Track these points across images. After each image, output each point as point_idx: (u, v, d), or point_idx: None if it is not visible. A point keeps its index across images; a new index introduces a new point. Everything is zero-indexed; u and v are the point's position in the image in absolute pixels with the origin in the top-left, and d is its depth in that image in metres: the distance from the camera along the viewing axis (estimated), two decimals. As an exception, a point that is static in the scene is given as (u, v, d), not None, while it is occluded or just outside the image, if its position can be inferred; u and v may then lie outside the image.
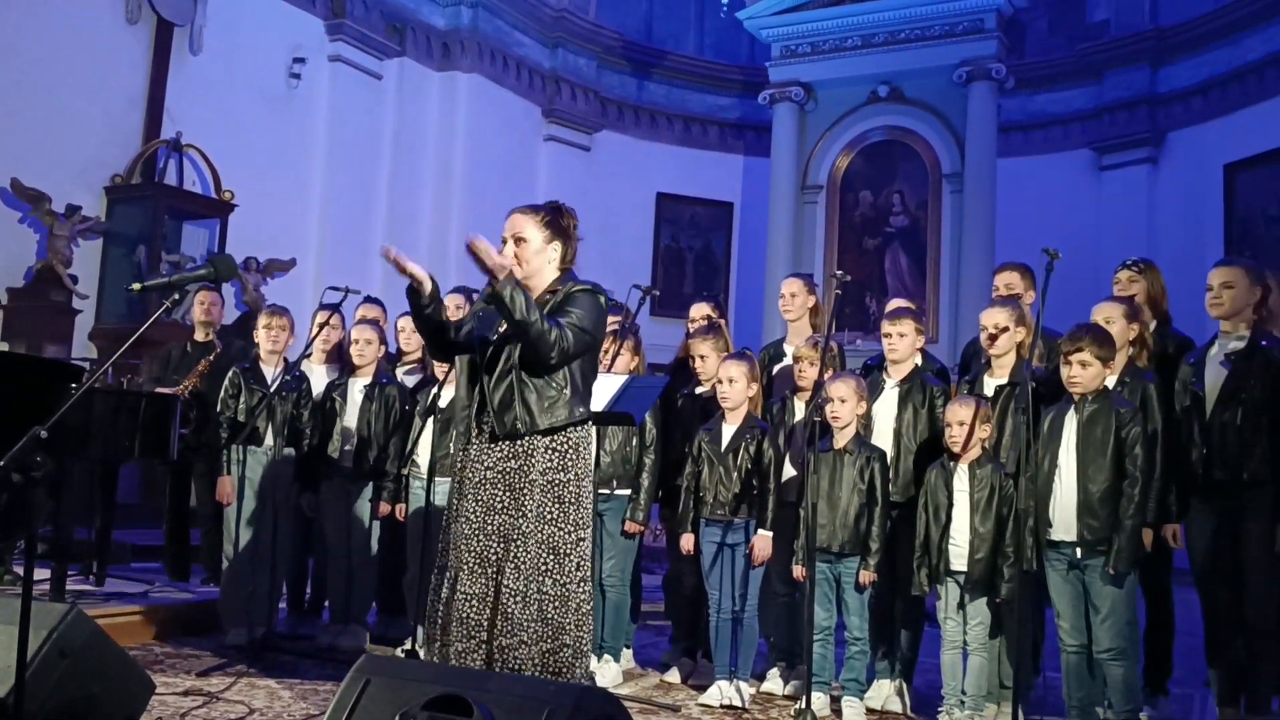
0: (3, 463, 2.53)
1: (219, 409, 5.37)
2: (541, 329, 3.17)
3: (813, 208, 13.54)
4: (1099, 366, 3.93)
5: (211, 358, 6.15)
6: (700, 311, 5.44)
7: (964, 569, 4.14)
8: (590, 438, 3.46)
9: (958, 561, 4.16)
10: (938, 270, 12.89)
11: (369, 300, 5.86)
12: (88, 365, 7.59)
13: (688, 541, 4.64)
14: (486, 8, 13.02)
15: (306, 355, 5.53)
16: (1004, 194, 12.77)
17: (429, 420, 4.94)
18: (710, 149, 15.26)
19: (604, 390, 4.16)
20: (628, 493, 4.87)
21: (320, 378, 5.54)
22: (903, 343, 4.65)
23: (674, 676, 4.90)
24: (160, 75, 9.95)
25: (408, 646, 4.82)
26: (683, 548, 4.67)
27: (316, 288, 9.59)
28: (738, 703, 4.38)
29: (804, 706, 4.00)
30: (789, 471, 4.66)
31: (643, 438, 4.88)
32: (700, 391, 5.02)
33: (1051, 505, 3.94)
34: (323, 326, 5.54)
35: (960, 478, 4.19)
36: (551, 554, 3.27)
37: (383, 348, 5.49)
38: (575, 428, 3.35)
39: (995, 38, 12.80)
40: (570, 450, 3.33)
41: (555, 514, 3.28)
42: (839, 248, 13.38)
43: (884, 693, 4.54)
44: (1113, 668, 3.85)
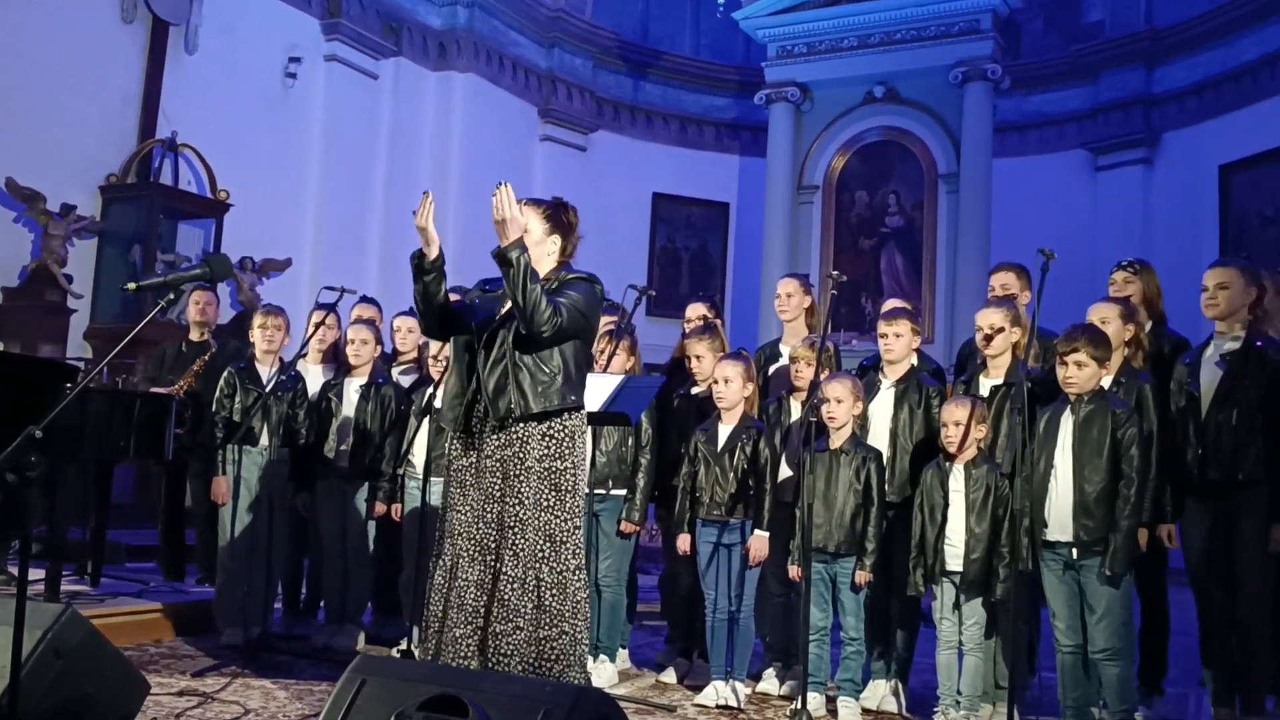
0: (-3, 463, 2.52)
1: (214, 409, 5.36)
2: (538, 298, 3.23)
3: (808, 208, 13.56)
4: (1095, 367, 3.94)
5: (207, 357, 6.14)
6: (696, 311, 5.44)
7: (959, 569, 4.14)
8: (585, 427, 3.50)
9: (953, 562, 4.16)
10: (933, 270, 12.91)
11: (365, 300, 5.86)
12: (82, 365, 7.57)
13: (684, 542, 4.64)
14: (482, 8, 13.02)
15: (302, 355, 5.53)
16: (1000, 194, 12.80)
17: (425, 420, 4.93)
18: (706, 149, 15.27)
19: (600, 390, 4.16)
20: (624, 493, 4.87)
21: (316, 377, 5.53)
22: (899, 343, 4.65)
23: (670, 677, 4.90)
24: (155, 74, 9.94)
25: (403, 647, 4.81)
26: (679, 548, 4.67)
27: (312, 287, 9.60)
28: (733, 703, 4.38)
29: (799, 707, 4.01)
30: (785, 472, 4.65)
31: (638, 438, 4.88)
32: (696, 392, 5.02)
33: (1047, 506, 3.94)
34: (318, 326, 5.53)
35: (956, 478, 4.20)
36: (548, 542, 3.29)
37: (379, 348, 5.49)
38: (570, 415, 3.38)
39: (991, 38, 12.83)
40: (566, 438, 3.36)
41: (551, 501, 3.31)
42: (835, 248, 13.40)
43: (879, 693, 4.54)
44: (1108, 668, 3.86)
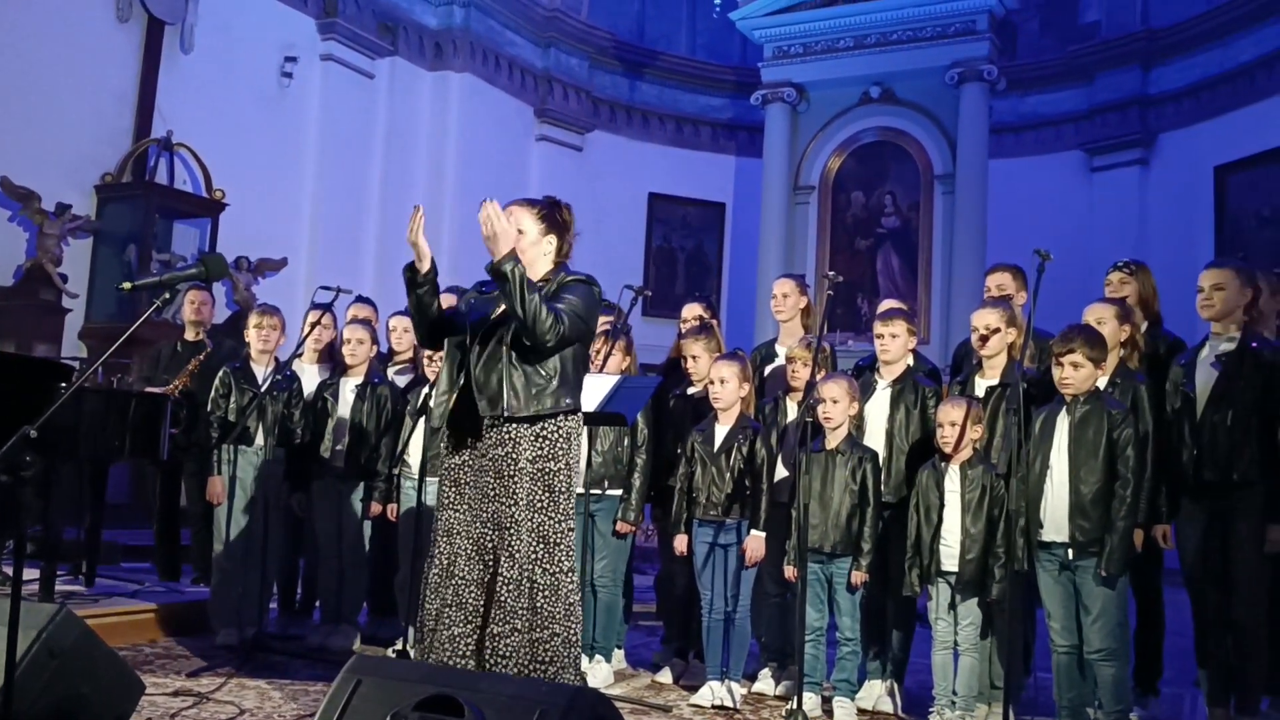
0: (-8, 462, 2.51)
1: (209, 408, 5.35)
2: (538, 308, 3.20)
3: (805, 208, 13.56)
4: (1091, 368, 3.94)
5: (202, 357, 6.13)
6: (692, 312, 5.44)
7: (955, 569, 4.14)
8: (580, 429, 3.48)
9: (949, 562, 4.16)
10: (929, 271, 12.92)
11: (360, 300, 5.86)
12: (77, 364, 7.54)
13: (681, 542, 4.64)
14: (479, 7, 13.01)
15: (298, 355, 5.52)
16: (995, 195, 12.80)
17: (420, 420, 4.93)
18: (702, 149, 15.26)
19: (596, 390, 4.16)
20: (619, 493, 4.87)
21: (312, 377, 5.53)
22: (895, 343, 4.66)
23: (665, 677, 4.90)
24: (151, 74, 9.91)
25: (399, 647, 4.80)
26: (676, 549, 4.67)
27: (308, 287, 9.58)
28: (729, 703, 4.38)
29: (795, 707, 4.00)
30: (781, 472, 4.66)
31: (634, 438, 4.88)
32: (692, 392, 5.02)
33: (1043, 506, 3.95)
34: (314, 326, 5.53)
35: (952, 478, 4.20)
36: (542, 543, 3.28)
37: (375, 347, 5.48)
38: (565, 417, 3.36)
39: (987, 39, 12.83)
40: (560, 440, 3.34)
41: (545, 502, 3.30)
42: (831, 248, 13.40)
43: (875, 693, 4.54)
44: (1103, 668, 3.86)
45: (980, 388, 4.49)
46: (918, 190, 13.16)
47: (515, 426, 3.30)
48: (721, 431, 4.56)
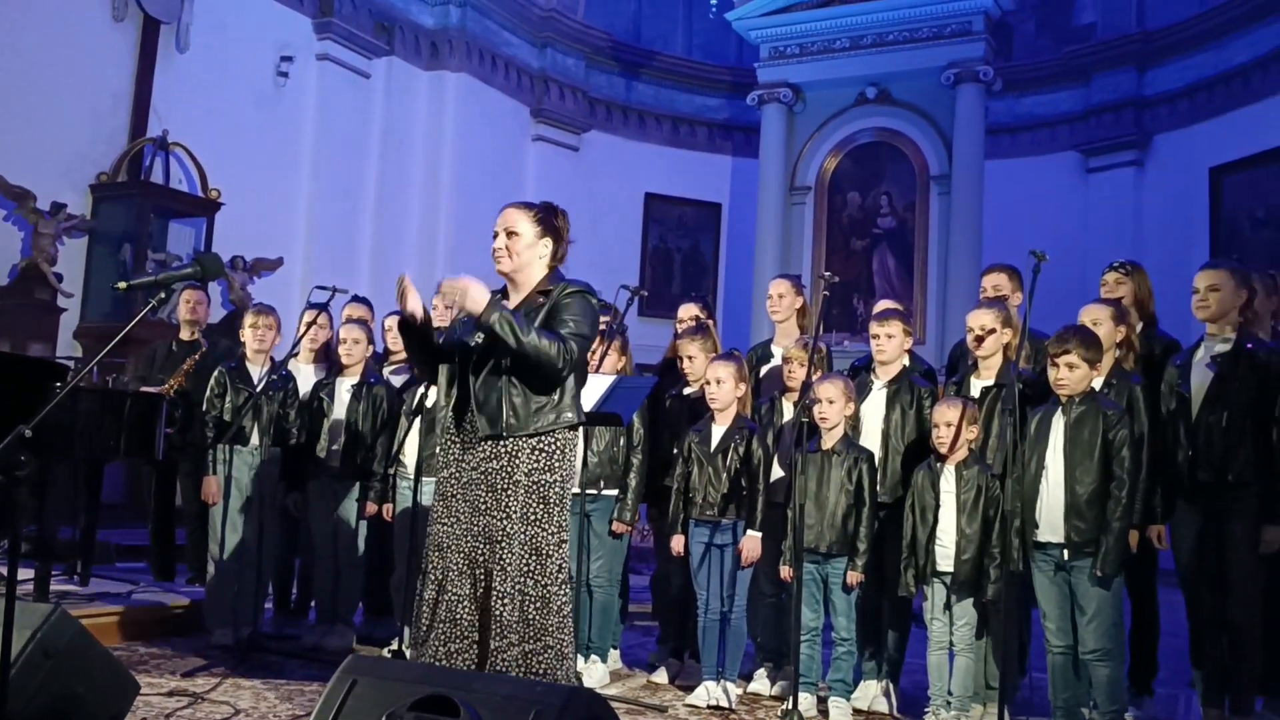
0: (-14, 462, 2.51)
1: (205, 408, 5.35)
2: (542, 346, 3.19)
3: (801, 209, 13.56)
4: (1086, 368, 3.94)
5: (197, 357, 6.12)
6: (688, 312, 5.44)
7: (950, 570, 4.15)
8: (577, 441, 3.47)
9: (944, 562, 4.16)
10: (925, 272, 12.93)
11: (356, 299, 5.85)
12: (72, 364, 7.55)
13: (678, 543, 4.63)
14: (475, 7, 13.00)
15: (294, 354, 5.52)
16: (991, 196, 12.81)
17: (416, 420, 4.93)
18: (698, 149, 15.26)
19: (592, 391, 4.16)
20: (615, 493, 4.87)
21: (307, 377, 5.53)
22: (890, 344, 4.66)
23: (661, 677, 4.90)
24: (146, 73, 9.90)
25: (394, 647, 4.80)
26: (673, 549, 4.66)
27: (304, 287, 9.58)
28: (724, 703, 4.38)
29: (790, 707, 4.00)
30: (777, 472, 4.66)
31: (630, 438, 4.88)
32: (688, 392, 5.02)
33: (1038, 507, 3.95)
34: (310, 326, 5.52)
35: (947, 479, 4.20)
36: (534, 555, 3.27)
37: (370, 347, 5.48)
38: (564, 431, 3.34)
39: (983, 40, 12.84)
40: (557, 452, 3.33)
41: (539, 515, 3.28)
42: (827, 249, 13.41)
43: (870, 693, 4.54)
44: (1098, 668, 3.87)
45: (976, 388, 4.49)
46: (914, 191, 13.17)
47: (514, 440, 3.29)
48: (718, 432, 4.56)
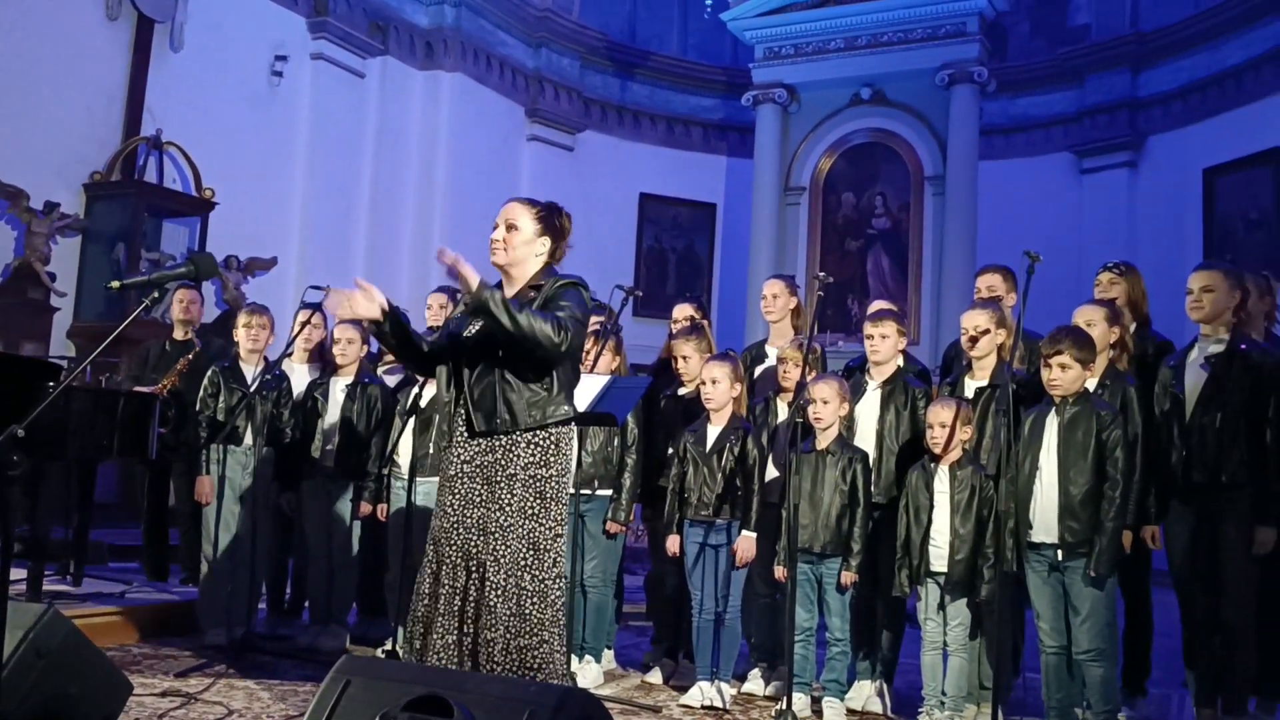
0: (-21, 461, 2.50)
1: (198, 408, 5.33)
2: (536, 325, 3.15)
3: (795, 209, 13.57)
4: (1079, 369, 3.95)
5: (191, 356, 6.11)
6: (683, 312, 5.44)
7: (944, 570, 4.15)
8: (572, 435, 3.47)
9: (938, 563, 4.17)
10: (919, 272, 12.93)
11: (351, 299, 5.83)
12: (66, 363, 7.52)
13: (673, 543, 4.63)
14: (470, 7, 12.99)
15: (288, 354, 5.51)
16: (985, 196, 12.82)
17: (410, 420, 4.92)
18: (693, 150, 15.26)
19: (586, 391, 4.16)
20: (609, 493, 4.87)
21: (301, 377, 5.52)
22: (884, 344, 4.66)
23: (655, 677, 4.90)
24: (140, 72, 9.87)
25: (388, 647, 4.79)
26: (668, 549, 4.66)
27: (298, 286, 9.53)
28: (719, 704, 4.38)
29: (785, 707, 4.01)
30: (771, 472, 4.66)
31: (624, 438, 4.88)
32: (683, 392, 5.02)
33: (1032, 507, 3.96)
34: (304, 325, 5.51)
35: (941, 479, 4.21)
36: (531, 549, 3.27)
37: (365, 347, 5.47)
38: (559, 425, 3.34)
39: (977, 41, 12.85)
40: (552, 446, 3.33)
41: (536, 509, 3.29)
42: (821, 249, 13.41)
43: (865, 693, 4.55)
44: (1092, 669, 3.87)
45: (970, 389, 4.50)
46: (908, 191, 13.18)
47: (508, 436, 3.28)
48: (713, 432, 4.56)
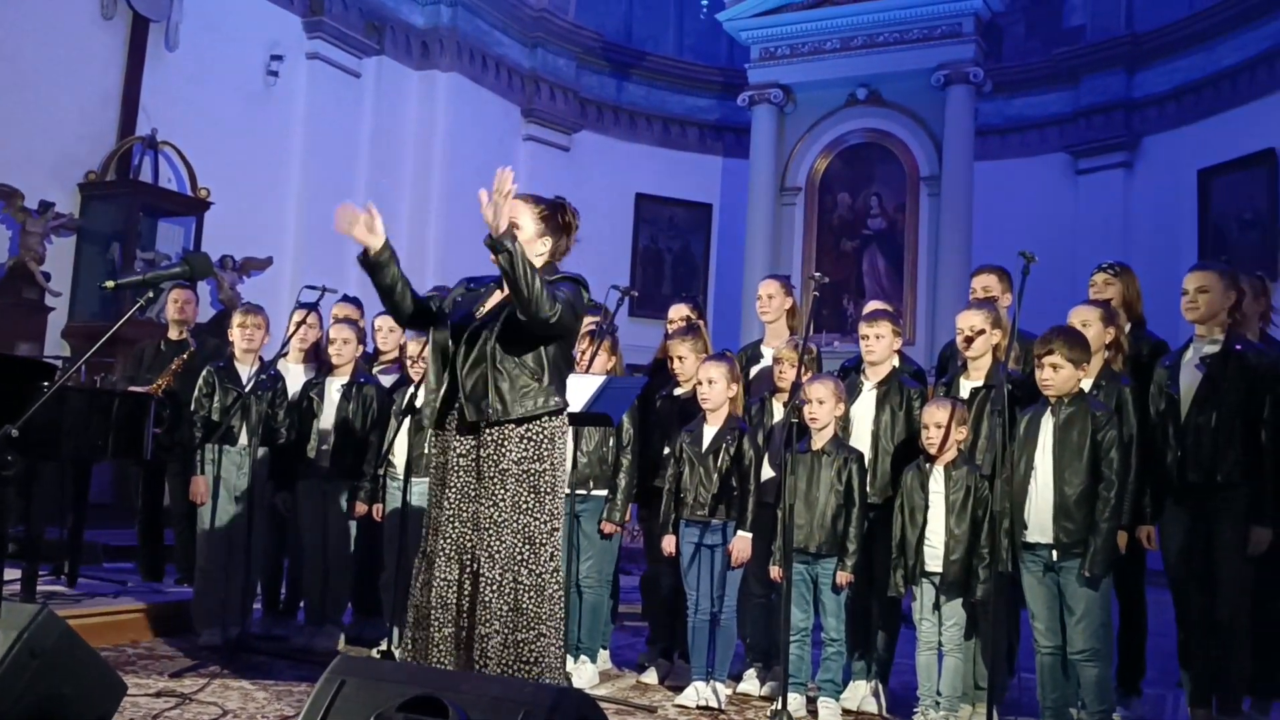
0: (-28, 461, 2.50)
1: (193, 408, 5.33)
2: (538, 288, 3.14)
3: (791, 209, 13.58)
4: (1071, 369, 3.95)
5: (185, 356, 6.10)
6: (679, 312, 5.43)
7: (939, 570, 4.15)
8: (566, 428, 3.46)
9: (933, 563, 4.17)
10: (915, 272, 12.95)
11: (346, 299, 5.84)
12: (60, 363, 7.51)
13: (669, 543, 4.63)
14: (466, 7, 12.98)
15: (283, 354, 5.50)
16: (981, 197, 12.85)
17: (405, 420, 4.92)
18: (689, 150, 15.27)
19: (582, 391, 4.15)
20: (605, 493, 4.87)
21: (297, 377, 5.51)
22: (880, 344, 4.66)
23: (651, 677, 4.90)
24: (135, 71, 9.85)
25: (383, 647, 4.79)
26: (665, 549, 4.66)
27: (293, 286, 9.55)
28: (714, 704, 4.38)
29: (780, 707, 4.01)
30: (767, 472, 4.66)
31: (620, 438, 4.88)
32: (679, 393, 5.02)
33: (1027, 507, 3.96)
34: (300, 325, 5.51)
35: (936, 479, 4.21)
36: (527, 544, 3.26)
37: (360, 347, 5.47)
38: (551, 418, 3.34)
39: (973, 42, 12.88)
40: (546, 440, 3.32)
41: (530, 504, 3.28)
42: (817, 249, 13.42)
43: (860, 693, 4.55)
44: (1087, 669, 3.88)
45: (965, 389, 4.50)
46: (904, 192, 13.20)
47: (500, 428, 3.28)
48: (709, 432, 4.57)
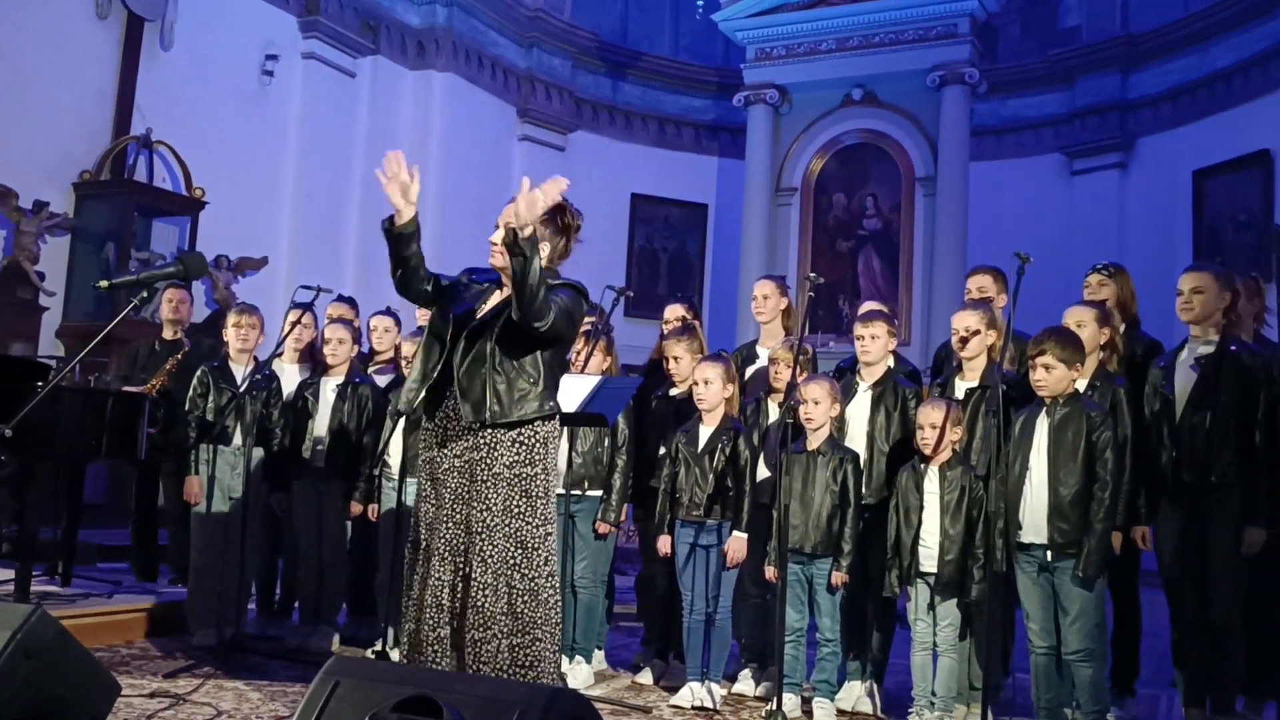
0: (-35, 461, 2.49)
1: (187, 408, 5.32)
2: (541, 296, 3.14)
3: (787, 210, 13.59)
4: (1064, 369, 3.95)
5: (180, 356, 6.09)
6: (675, 313, 5.43)
7: (934, 571, 4.16)
8: (557, 432, 3.45)
9: (928, 563, 4.17)
10: (910, 273, 12.96)
11: (341, 299, 5.83)
12: (54, 363, 7.50)
13: (665, 544, 4.63)
14: (461, 7, 12.98)
15: (278, 354, 5.49)
16: (976, 198, 12.86)
17: (401, 420, 4.91)
18: (685, 150, 15.27)
19: (577, 391, 4.15)
20: (600, 493, 4.86)
21: (292, 377, 5.50)
22: (875, 345, 4.66)
23: (646, 678, 4.89)
24: (130, 71, 9.84)
25: (378, 648, 4.79)
26: (660, 550, 4.66)
27: (288, 286, 9.53)
28: (709, 704, 4.38)
29: (775, 708, 4.01)
30: (762, 473, 4.66)
31: (615, 438, 4.87)
32: (674, 393, 5.02)
33: (1022, 508, 3.96)
34: (295, 325, 5.50)
35: (931, 480, 4.21)
36: (519, 548, 3.25)
37: (355, 347, 5.46)
38: (543, 422, 3.33)
39: (968, 42, 12.89)
40: (538, 444, 3.31)
41: (522, 508, 3.27)
42: (812, 250, 13.43)
43: (855, 694, 4.55)
44: (1081, 669, 3.88)
45: (960, 390, 4.50)
46: (899, 192, 13.21)
47: (494, 431, 3.27)
48: (705, 432, 4.56)
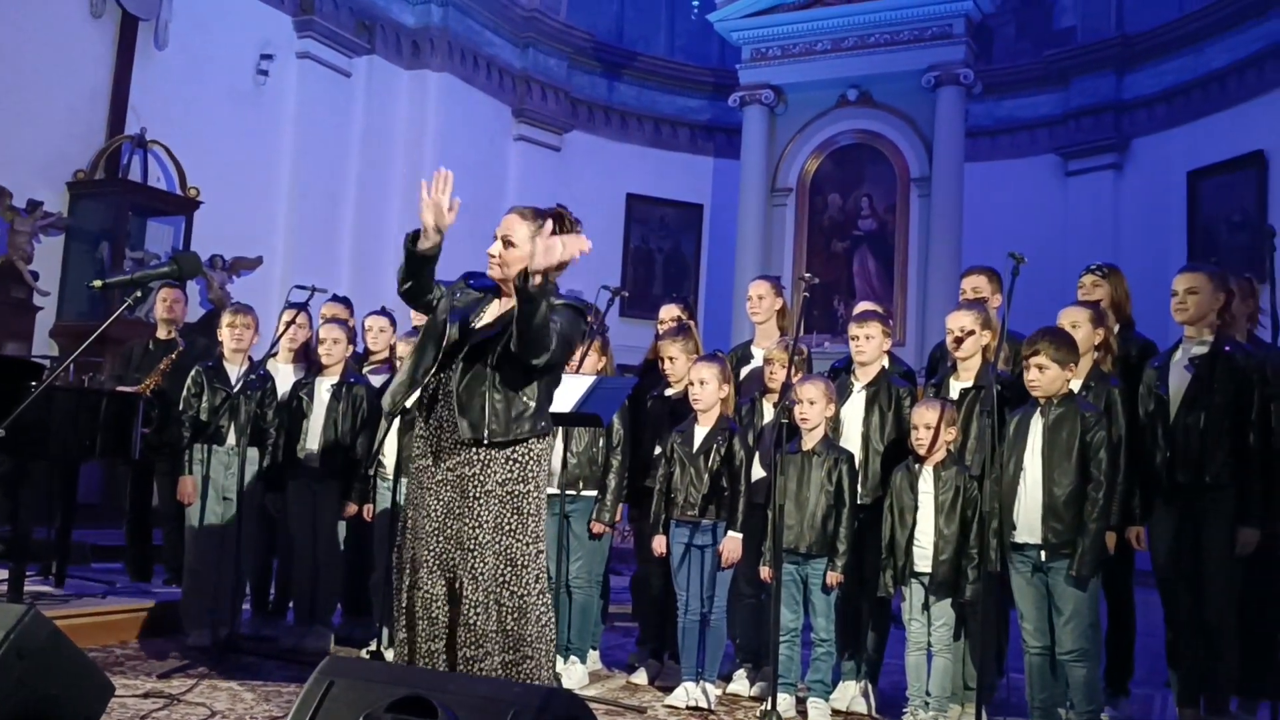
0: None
1: (181, 408, 5.31)
2: (543, 337, 3.12)
3: (782, 210, 13.59)
4: (1057, 369, 3.96)
5: (174, 356, 6.08)
6: (670, 313, 5.44)
7: (929, 571, 4.16)
8: (550, 449, 3.42)
9: (922, 563, 4.18)
10: (905, 273, 12.97)
11: (336, 299, 5.82)
12: (48, 363, 7.48)
13: (660, 543, 4.63)
14: (457, 6, 12.97)
15: (272, 354, 5.49)
16: (971, 198, 12.87)
17: (395, 420, 4.90)
18: (680, 150, 15.27)
19: (571, 391, 4.15)
20: (595, 494, 4.86)
21: (286, 377, 5.49)
22: (870, 345, 4.67)
23: (640, 678, 4.90)
24: (125, 70, 9.82)
25: (373, 648, 4.79)
26: (655, 550, 4.66)
27: (283, 286, 9.50)
28: (704, 704, 4.38)
29: (770, 708, 4.01)
30: (758, 473, 4.66)
31: (610, 438, 4.87)
32: (670, 393, 5.02)
33: (1016, 508, 3.97)
34: (289, 325, 5.49)
35: (925, 480, 4.22)
36: (509, 566, 3.22)
37: (350, 347, 5.46)
38: (537, 440, 3.30)
39: (964, 43, 12.90)
40: (531, 462, 3.28)
41: (513, 525, 3.23)
42: (808, 250, 13.43)
43: (849, 694, 4.55)
44: (1075, 669, 3.89)
45: (955, 390, 4.51)
46: (894, 193, 13.22)
47: (487, 450, 3.23)
48: (701, 432, 4.56)
